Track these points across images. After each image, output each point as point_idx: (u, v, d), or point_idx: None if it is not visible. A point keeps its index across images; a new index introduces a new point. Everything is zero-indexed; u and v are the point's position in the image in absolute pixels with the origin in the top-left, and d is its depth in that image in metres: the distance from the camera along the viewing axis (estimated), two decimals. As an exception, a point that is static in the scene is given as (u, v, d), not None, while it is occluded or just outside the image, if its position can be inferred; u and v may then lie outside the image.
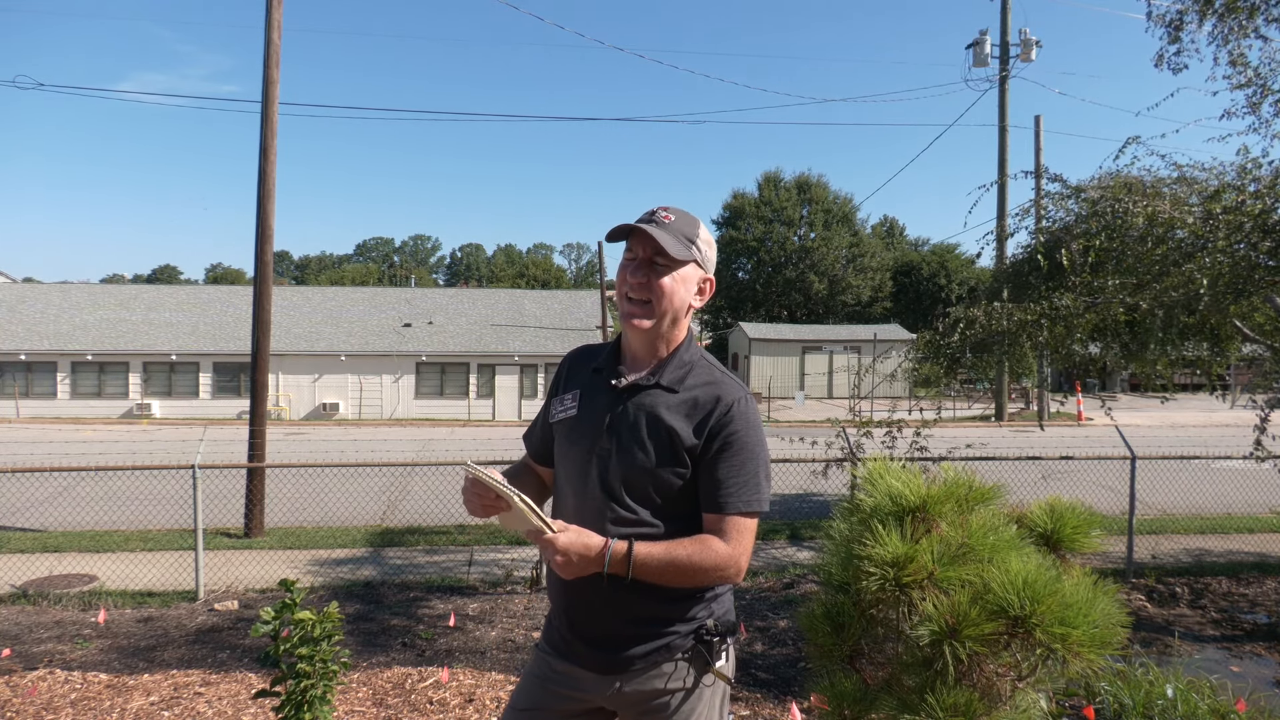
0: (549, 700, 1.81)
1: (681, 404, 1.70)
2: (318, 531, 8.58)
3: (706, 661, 1.71)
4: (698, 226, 1.76)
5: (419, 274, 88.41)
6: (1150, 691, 3.53)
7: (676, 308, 1.73)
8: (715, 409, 1.68)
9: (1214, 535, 8.65)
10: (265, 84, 8.54)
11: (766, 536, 8.56)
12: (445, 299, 33.15)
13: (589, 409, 1.78)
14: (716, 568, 1.63)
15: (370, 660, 4.81)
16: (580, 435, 1.77)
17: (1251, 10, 5.91)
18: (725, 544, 1.64)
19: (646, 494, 1.68)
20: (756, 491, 1.68)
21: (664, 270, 1.70)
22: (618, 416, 1.73)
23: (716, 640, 1.72)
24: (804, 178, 42.14)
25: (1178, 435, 12.88)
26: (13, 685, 4.32)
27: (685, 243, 1.72)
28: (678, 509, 1.69)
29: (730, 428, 1.67)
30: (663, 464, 1.67)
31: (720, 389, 1.71)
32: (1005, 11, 19.79)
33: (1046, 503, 2.26)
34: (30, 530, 8.56)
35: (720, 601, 1.77)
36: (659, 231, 1.68)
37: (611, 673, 1.73)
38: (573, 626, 1.76)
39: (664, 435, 1.67)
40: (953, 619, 1.78)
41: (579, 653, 1.76)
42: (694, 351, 1.79)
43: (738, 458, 1.67)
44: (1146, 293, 5.82)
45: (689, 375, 1.74)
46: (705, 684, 1.73)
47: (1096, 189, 6.73)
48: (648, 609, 1.68)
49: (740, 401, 1.70)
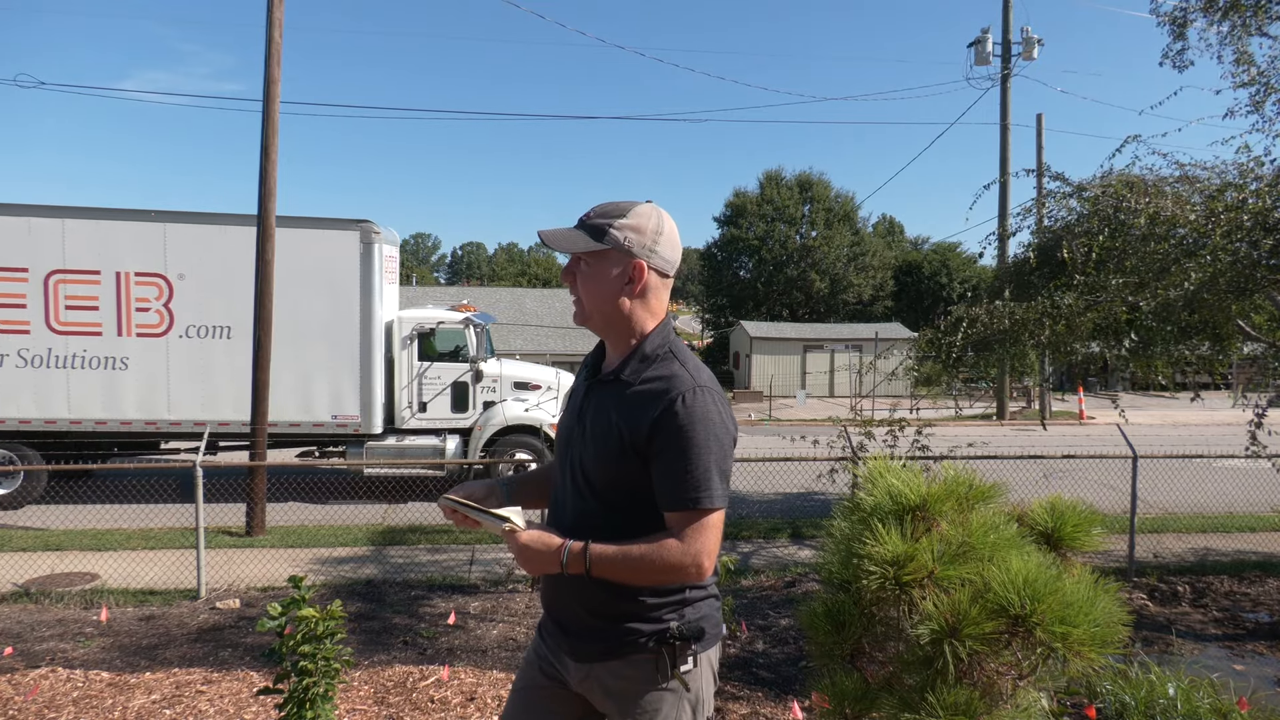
0: (540, 679, 1.87)
1: (633, 397, 1.68)
2: (319, 530, 8.59)
3: (669, 665, 1.69)
4: (625, 212, 1.71)
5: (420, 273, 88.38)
6: (1152, 690, 3.53)
7: (602, 304, 1.73)
8: (661, 402, 1.64)
9: (1216, 534, 8.63)
10: (266, 83, 8.54)
11: (768, 535, 8.56)
12: (446, 298, 33.17)
13: (572, 405, 1.87)
14: (673, 567, 1.61)
15: (372, 658, 4.82)
16: (563, 427, 1.87)
17: (1257, 9, 5.91)
18: (680, 542, 1.61)
19: (608, 486, 1.71)
20: (708, 487, 1.62)
21: (583, 270, 1.74)
22: (585, 411, 1.79)
23: (680, 644, 1.70)
24: (805, 176, 42.10)
25: (1179, 434, 12.86)
26: (15, 683, 4.33)
27: (595, 231, 1.70)
28: (635, 501, 1.69)
29: (675, 422, 1.62)
30: (612, 459, 1.68)
31: (670, 382, 1.66)
32: (1007, 10, 19.76)
33: (1047, 501, 2.26)
34: (32, 528, 8.58)
35: (695, 608, 1.74)
36: (553, 232, 1.74)
37: (580, 660, 1.77)
38: (549, 610, 1.85)
39: (614, 430, 1.68)
40: (953, 618, 1.78)
41: (555, 635, 1.83)
42: (657, 342, 1.74)
43: (684, 453, 1.61)
44: (1148, 291, 5.82)
45: (648, 368, 1.71)
46: (668, 688, 1.72)
47: (1098, 187, 6.73)
48: (606, 602, 1.70)
49: (688, 394, 1.63)
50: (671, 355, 1.73)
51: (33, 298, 9.16)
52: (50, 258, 9.18)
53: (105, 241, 9.30)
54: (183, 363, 9.47)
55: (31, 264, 9.15)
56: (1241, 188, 5.47)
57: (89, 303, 9.27)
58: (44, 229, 9.17)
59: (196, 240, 9.52)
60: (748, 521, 9.15)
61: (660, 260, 1.74)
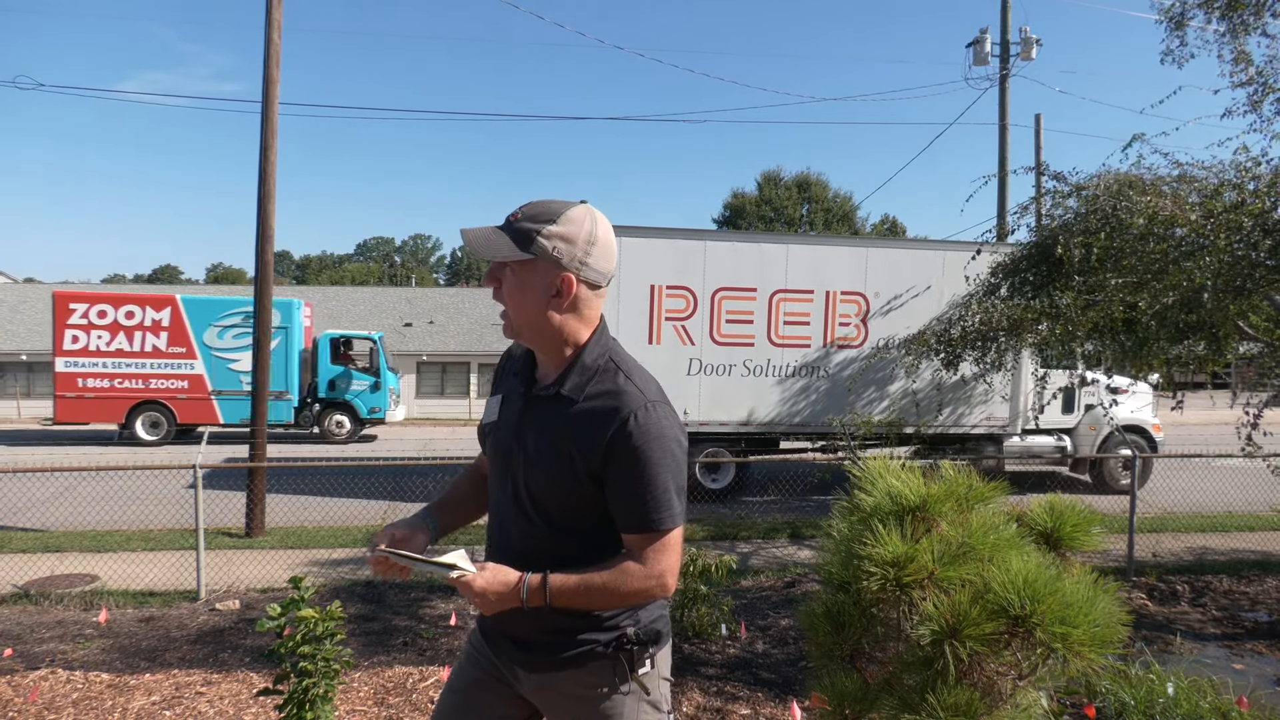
0: (482, 679, 1.81)
1: (579, 416, 1.58)
2: (319, 531, 8.58)
3: (626, 669, 1.68)
4: (556, 216, 1.55)
5: (419, 274, 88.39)
6: (1152, 690, 3.53)
7: (530, 317, 1.60)
8: (612, 423, 1.54)
9: (1215, 533, 8.65)
10: (265, 84, 8.54)
11: (768, 535, 8.57)
12: (446, 298, 33.16)
13: (505, 416, 1.72)
14: (637, 591, 1.58)
15: (372, 659, 4.82)
16: (498, 442, 1.72)
17: (1257, 8, 5.91)
18: (642, 565, 1.57)
19: (557, 508, 1.63)
20: (668, 508, 1.56)
21: (508, 278, 1.59)
22: (524, 427, 1.66)
23: (637, 649, 1.68)
24: (804, 176, 42.17)
25: (1178, 434, 12.85)
26: (14, 685, 4.33)
27: (522, 238, 1.55)
28: (582, 524, 1.64)
29: (630, 443, 1.53)
30: (564, 481, 1.59)
31: (619, 399, 1.56)
32: (1006, 10, 19.77)
33: (1046, 501, 2.26)
34: (32, 530, 8.58)
35: (648, 610, 1.72)
36: (476, 233, 1.58)
37: (532, 671, 1.73)
38: (496, 624, 1.75)
39: (563, 452, 1.58)
40: (953, 618, 1.78)
41: (505, 648, 1.76)
42: (597, 352, 1.63)
43: (642, 474, 1.54)
44: (1146, 291, 5.82)
45: (590, 382, 1.61)
46: (624, 691, 1.70)
47: (1097, 185, 6.73)
48: (559, 621, 1.65)
49: (640, 412, 1.54)
50: (614, 367, 1.63)
51: (758, 314, 10.32)
52: (775, 279, 10.30)
53: (819, 264, 10.41)
54: (869, 372, 10.41)
55: (760, 284, 10.27)
56: (1240, 188, 5.47)
57: (802, 318, 10.41)
58: (773, 254, 10.35)
59: (886, 262, 10.59)
60: (747, 521, 9.16)
61: (592, 272, 1.59)
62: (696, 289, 10.14)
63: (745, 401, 10.34)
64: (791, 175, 42.25)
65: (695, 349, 10.19)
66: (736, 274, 10.22)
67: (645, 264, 9.94)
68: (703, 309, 10.17)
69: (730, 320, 10.24)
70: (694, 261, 10.13)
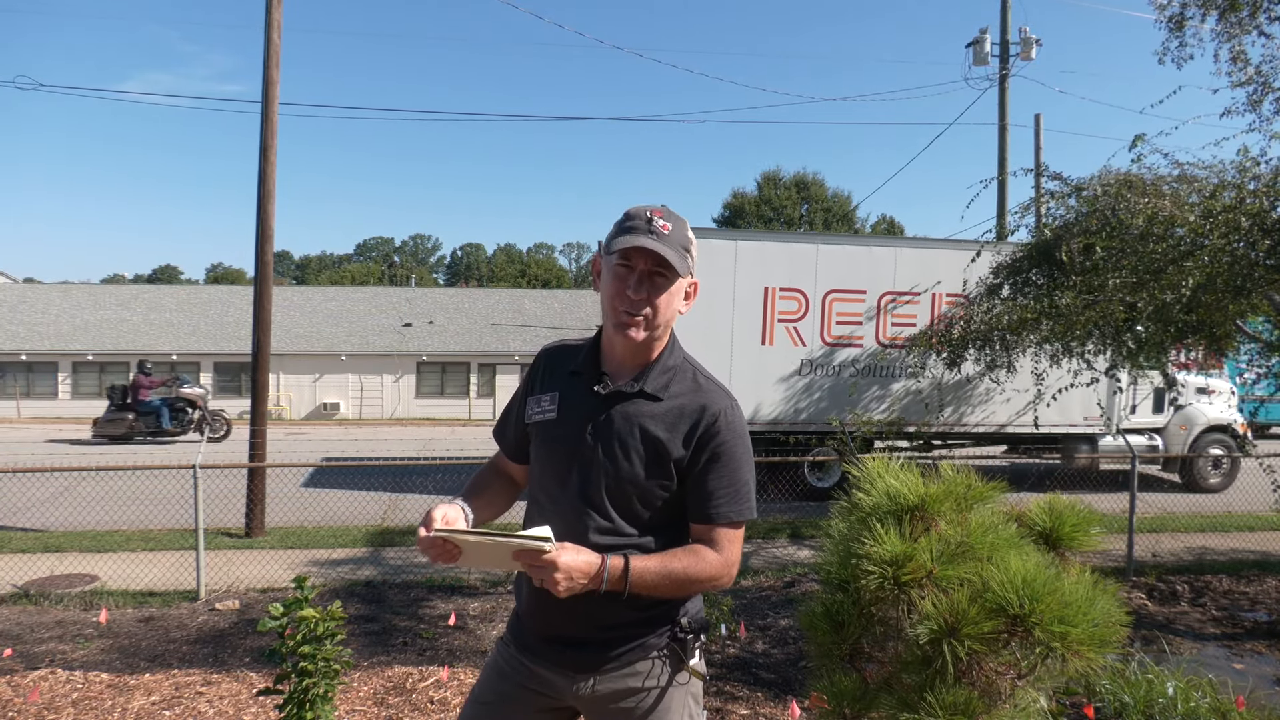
0: (514, 693, 1.79)
1: (667, 413, 1.67)
2: (319, 531, 8.59)
3: (681, 659, 1.71)
4: (689, 231, 1.70)
5: (419, 274, 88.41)
6: (1151, 689, 3.54)
7: (670, 319, 1.71)
8: (702, 419, 1.66)
9: (1214, 533, 8.65)
10: (265, 84, 8.54)
11: (767, 535, 8.57)
12: (446, 298, 33.15)
13: (569, 413, 1.72)
14: (711, 578, 1.65)
15: (371, 659, 4.82)
16: (560, 441, 1.72)
17: (1254, 7, 5.91)
18: (718, 554, 1.65)
19: (629, 505, 1.66)
20: (747, 500, 1.69)
21: (663, 285, 1.65)
22: (600, 424, 1.68)
23: (690, 638, 1.73)
24: (802, 176, 42.17)
25: (1178, 433, 12.92)
26: (14, 685, 4.33)
27: (683, 254, 1.66)
28: (658, 520, 1.68)
29: (719, 438, 1.65)
30: (650, 476, 1.65)
31: (706, 397, 1.69)
32: (1005, 10, 19.77)
33: (1045, 500, 2.26)
34: (31, 530, 8.57)
35: (694, 600, 1.78)
36: (662, 247, 1.61)
37: (585, 672, 1.72)
38: (546, 629, 1.74)
39: (651, 447, 1.65)
40: (952, 618, 1.78)
41: (551, 655, 1.73)
42: (677, 356, 1.75)
43: (727, 468, 1.66)
44: (1146, 291, 5.82)
45: (672, 382, 1.70)
46: (679, 682, 1.74)
47: (1097, 185, 6.73)
48: (623, 616, 1.67)
49: (727, 410, 1.68)
50: (690, 367, 1.75)
51: (866, 317, 10.43)
52: (883, 281, 10.40)
53: (925, 267, 10.44)
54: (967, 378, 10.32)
55: (869, 287, 10.37)
56: (1239, 187, 5.47)
57: (911, 320, 10.40)
58: (882, 257, 10.51)
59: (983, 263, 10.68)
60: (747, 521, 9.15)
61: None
62: (808, 290, 10.33)
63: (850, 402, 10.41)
64: (790, 175, 42.27)
65: (806, 350, 10.38)
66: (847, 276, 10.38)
67: (758, 267, 10.13)
68: (814, 310, 10.37)
69: (840, 322, 10.43)
70: (805, 264, 10.32)
